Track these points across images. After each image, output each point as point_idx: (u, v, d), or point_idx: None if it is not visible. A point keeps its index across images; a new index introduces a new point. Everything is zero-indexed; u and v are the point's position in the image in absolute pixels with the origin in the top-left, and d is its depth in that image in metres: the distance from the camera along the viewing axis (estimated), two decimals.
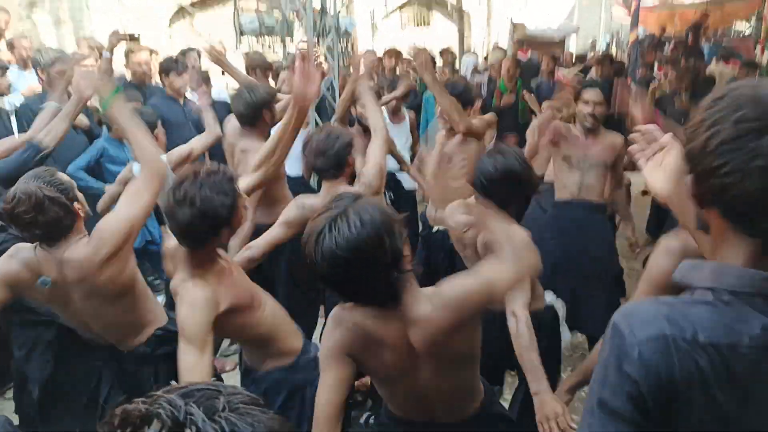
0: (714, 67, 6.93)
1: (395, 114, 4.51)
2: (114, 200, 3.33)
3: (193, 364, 1.60)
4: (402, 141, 4.35)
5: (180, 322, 1.67)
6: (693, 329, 0.81)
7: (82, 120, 4.14)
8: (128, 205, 1.94)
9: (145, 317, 2.13)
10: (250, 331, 1.91)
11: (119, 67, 4.98)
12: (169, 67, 4.27)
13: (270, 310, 1.94)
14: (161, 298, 2.98)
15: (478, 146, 3.28)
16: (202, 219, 1.64)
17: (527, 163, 2.16)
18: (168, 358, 2.08)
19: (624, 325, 0.86)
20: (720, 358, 0.80)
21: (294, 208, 2.41)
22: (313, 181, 4.13)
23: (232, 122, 3.34)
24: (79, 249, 1.89)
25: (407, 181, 4.18)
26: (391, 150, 3.79)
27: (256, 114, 3.00)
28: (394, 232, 1.30)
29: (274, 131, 2.43)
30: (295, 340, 2.02)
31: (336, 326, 1.46)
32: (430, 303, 1.39)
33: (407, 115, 4.65)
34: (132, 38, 4.40)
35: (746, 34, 12.70)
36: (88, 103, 3.16)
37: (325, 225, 1.27)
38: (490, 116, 3.83)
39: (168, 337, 2.08)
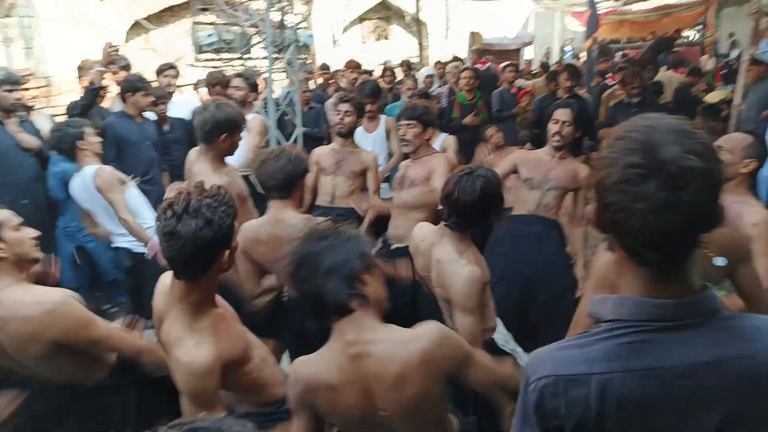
0: (663, 74, 7.18)
1: (370, 120, 4.43)
2: None
3: None
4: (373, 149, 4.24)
5: (183, 389, 1.56)
6: (586, 366, 0.91)
7: (32, 142, 4.02)
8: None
9: (104, 359, 2.05)
10: (232, 383, 1.78)
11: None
12: (135, 86, 4.20)
13: (258, 361, 1.81)
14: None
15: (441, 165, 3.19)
16: (209, 229, 1.49)
17: (500, 184, 2.14)
18: (135, 385, 2.02)
19: (528, 369, 0.97)
20: (610, 388, 0.89)
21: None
22: None
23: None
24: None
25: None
26: None
27: (213, 132, 2.74)
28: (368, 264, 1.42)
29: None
30: (278, 389, 1.88)
31: (294, 382, 1.50)
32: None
33: (382, 122, 4.51)
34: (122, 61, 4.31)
35: (693, 40, 13.23)
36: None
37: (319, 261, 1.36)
38: (450, 142, 3.92)
39: (132, 364, 2.03)
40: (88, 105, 4.17)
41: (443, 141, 4.13)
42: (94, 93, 4.17)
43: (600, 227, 0.94)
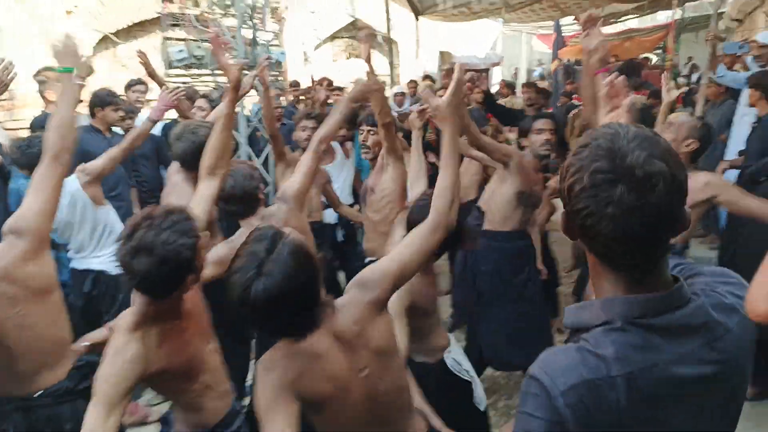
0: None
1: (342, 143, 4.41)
2: None
3: (94, 426, 1.46)
4: (343, 176, 4.29)
5: (98, 375, 1.55)
6: (606, 366, 0.88)
7: None
8: (35, 194, 1.87)
9: (65, 334, 1.99)
10: (173, 396, 1.82)
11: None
12: (104, 100, 4.11)
13: (201, 387, 1.80)
14: None
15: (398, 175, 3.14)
16: (165, 267, 1.49)
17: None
18: (88, 393, 1.96)
19: (544, 377, 0.90)
20: (635, 386, 0.88)
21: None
22: None
23: None
24: None
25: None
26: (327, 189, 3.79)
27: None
28: (313, 275, 1.39)
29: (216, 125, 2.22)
30: (212, 418, 1.86)
31: (268, 371, 1.43)
32: (344, 299, 1.53)
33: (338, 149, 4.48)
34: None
35: (654, 63, 13.73)
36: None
37: (252, 273, 1.31)
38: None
39: (90, 368, 1.93)
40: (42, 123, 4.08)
41: None
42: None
43: (569, 233, 0.96)
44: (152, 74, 4.25)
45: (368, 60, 2.87)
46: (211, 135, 2.15)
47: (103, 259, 3.12)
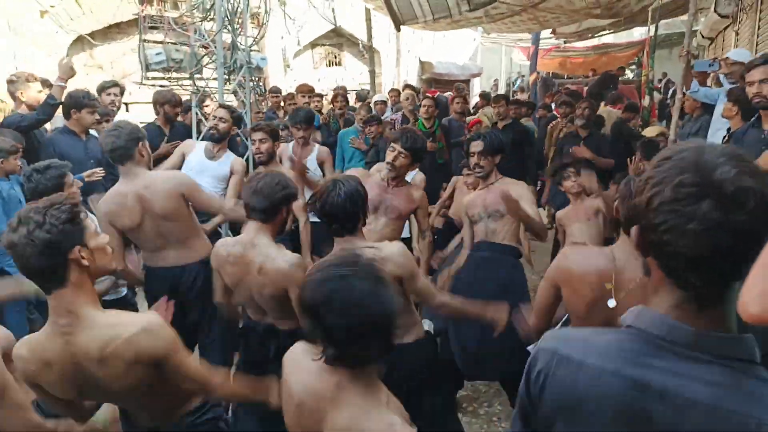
0: (603, 109, 7.53)
1: (302, 147, 4.42)
2: None
3: None
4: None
5: None
6: (584, 354, 0.93)
7: None
8: None
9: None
10: None
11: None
12: (81, 102, 4.02)
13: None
14: None
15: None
16: (41, 230, 1.49)
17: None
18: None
19: (541, 341, 1.02)
20: (602, 383, 0.89)
21: (213, 256, 2.48)
22: None
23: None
24: None
25: None
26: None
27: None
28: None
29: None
30: None
31: None
32: None
33: (315, 150, 4.49)
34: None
35: (630, 78, 14.02)
36: None
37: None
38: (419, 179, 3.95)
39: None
40: (43, 120, 3.96)
41: (413, 177, 3.99)
42: (54, 107, 3.96)
43: (641, 249, 0.91)
44: None
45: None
46: None
47: None
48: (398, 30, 10.26)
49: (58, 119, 4.41)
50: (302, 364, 1.40)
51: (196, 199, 2.96)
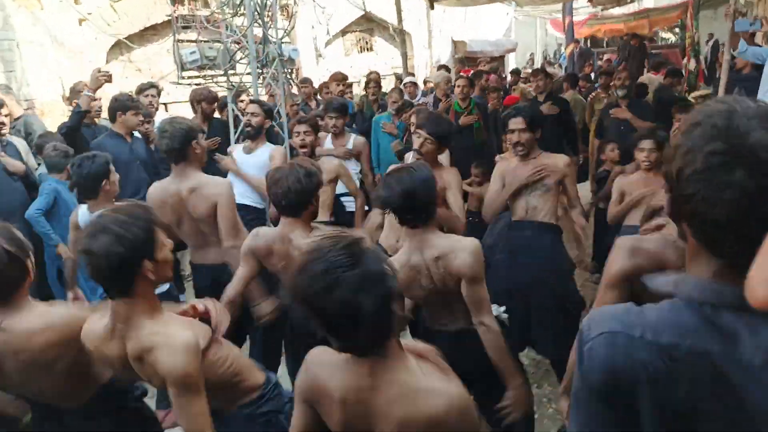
0: (645, 76, 7.26)
1: (337, 138, 4.47)
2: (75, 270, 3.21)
3: None
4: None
5: (174, 375, 1.63)
6: (642, 329, 0.86)
7: (18, 165, 3.97)
8: None
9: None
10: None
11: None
12: (125, 105, 4.17)
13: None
14: None
15: None
16: (120, 245, 1.54)
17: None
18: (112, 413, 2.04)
19: (585, 326, 0.93)
20: (665, 357, 0.84)
21: (249, 237, 2.50)
22: None
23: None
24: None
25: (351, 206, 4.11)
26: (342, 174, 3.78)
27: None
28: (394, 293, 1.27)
29: None
30: (258, 374, 1.97)
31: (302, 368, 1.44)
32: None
33: (351, 139, 4.54)
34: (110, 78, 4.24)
35: (672, 41, 13.44)
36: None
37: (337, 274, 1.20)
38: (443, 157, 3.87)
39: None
40: (73, 127, 4.14)
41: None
42: (80, 116, 4.14)
43: (674, 216, 0.90)
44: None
45: None
46: None
47: None
48: (432, 8, 10.13)
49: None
50: (327, 363, 1.38)
51: (222, 215, 2.89)
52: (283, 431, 1.93)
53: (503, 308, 2.39)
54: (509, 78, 10.47)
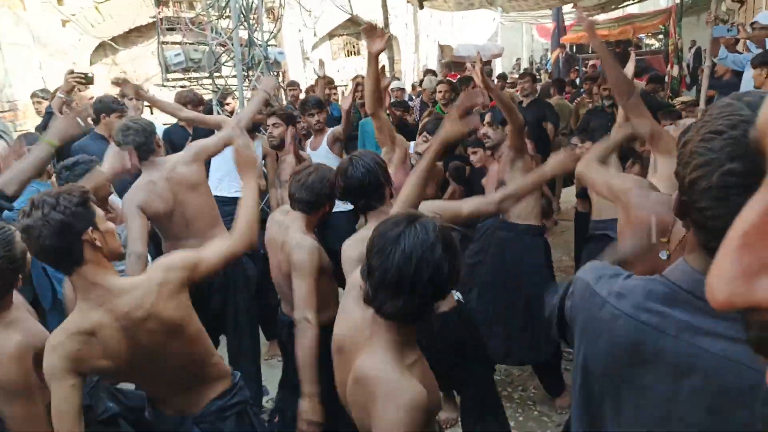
0: None
1: (318, 135, 4.34)
2: None
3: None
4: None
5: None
6: (609, 291, 0.96)
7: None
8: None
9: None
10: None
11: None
12: (109, 107, 4.14)
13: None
14: None
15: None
16: (56, 212, 1.56)
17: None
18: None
19: (580, 271, 1.08)
20: (617, 325, 0.92)
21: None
22: None
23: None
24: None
25: None
26: None
27: None
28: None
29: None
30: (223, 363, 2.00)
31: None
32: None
33: (329, 132, 4.40)
34: (87, 79, 4.22)
35: (656, 47, 13.61)
36: None
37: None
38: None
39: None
40: (43, 129, 4.14)
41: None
42: (50, 117, 4.13)
43: (678, 213, 0.89)
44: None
45: (375, 56, 2.78)
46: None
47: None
48: (421, 7, 10.14)
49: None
50: (349, 309, 1.50)
51: (207, 147, 3.13)
52: (252, 425, 1.97)
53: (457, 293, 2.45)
54: (496, 82, 10.53)
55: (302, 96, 7.06)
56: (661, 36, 14.58)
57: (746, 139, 0.76)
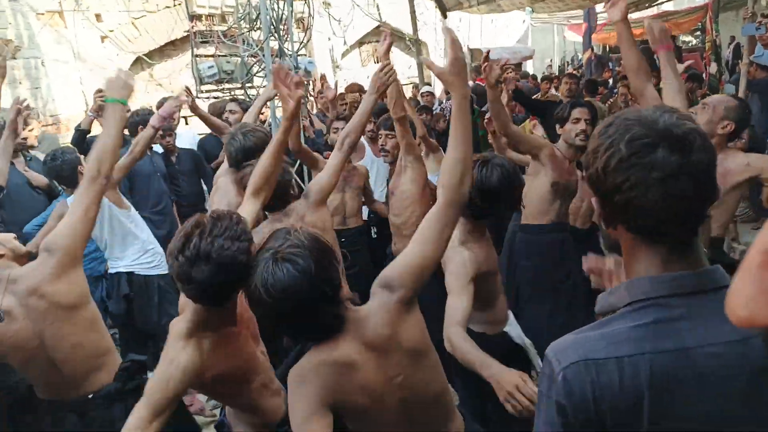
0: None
1: (375, 143, 4.38)
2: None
3: (135, 426, 1.47)
4: (372, 173, 4.25)
5: (152, 378, 1.58)
6: (613, 349, 0.86)
7: (41, 179, 4.07)
8: (70, 215, 1.98)
9: (105, 341, 2.07)
10: (229, 400, 1.84)
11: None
12: (147, 120, 4.26)
13: (258, 386, 1.81)
14: None
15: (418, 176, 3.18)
16: (224, 274, 1.46)
17: (517, 174, 2.13)
18: (138, 392, 2.04)
19: (551, 355, 0.92)
20: (642, 372, 0.85)
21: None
22: None
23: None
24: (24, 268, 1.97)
25: None
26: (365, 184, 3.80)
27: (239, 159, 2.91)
28: (328, 266, 1.38)
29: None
30: (274, 416, 1.89)
31: (301, 384, 1.40)
32: (371, 304, 1.49)
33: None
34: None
35: (693, 44, 13.26)
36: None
37: (262, 268, 1.33)
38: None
39: (137, 369, 2.06)
40: (75, 144, 4.34)
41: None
42: (80, 134, 4.38)
43: (607, 219, 0.92)
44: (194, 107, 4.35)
45: (386, 53, 2.70)
46: (262, 157, 2.13)
47: (128, 261, 3.33)
48: (445, 17, 10.15)
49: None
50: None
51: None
52: None
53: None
54: (526, 82, 10.41)
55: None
56: (698, 33, 14.20)
57: (635, 115, 0.86)
